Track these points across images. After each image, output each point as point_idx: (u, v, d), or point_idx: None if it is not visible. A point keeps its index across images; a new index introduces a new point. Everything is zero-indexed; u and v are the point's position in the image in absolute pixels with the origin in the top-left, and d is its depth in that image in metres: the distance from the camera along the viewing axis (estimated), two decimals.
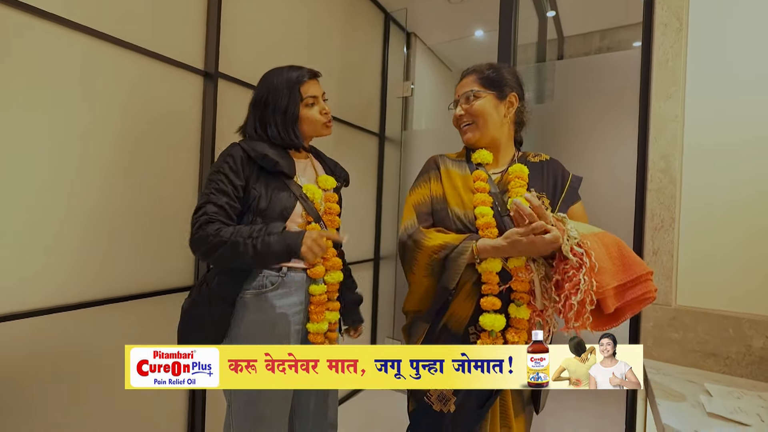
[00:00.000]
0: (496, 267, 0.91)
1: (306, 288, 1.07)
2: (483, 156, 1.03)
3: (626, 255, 0.81)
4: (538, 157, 1.05)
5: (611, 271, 0.78)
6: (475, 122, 1.02)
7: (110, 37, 1.16)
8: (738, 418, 0.84)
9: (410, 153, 2.60)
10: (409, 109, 2.67)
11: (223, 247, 0.92)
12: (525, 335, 0.90)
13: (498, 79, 1.02)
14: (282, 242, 0.93)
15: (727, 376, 1.11)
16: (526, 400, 0.99)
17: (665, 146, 1.22)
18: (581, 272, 0.75)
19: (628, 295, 0.79)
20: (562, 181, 1.01)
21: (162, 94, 1.31)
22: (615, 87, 1.63)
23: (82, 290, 1.13)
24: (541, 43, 2.22)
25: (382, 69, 2.58)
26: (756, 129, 1.12)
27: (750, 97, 1.13)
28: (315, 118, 1.10)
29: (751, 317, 1.10)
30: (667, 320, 1.20)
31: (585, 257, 0.76)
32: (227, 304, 1.01)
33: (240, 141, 1.07)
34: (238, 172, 1.00)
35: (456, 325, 0.95)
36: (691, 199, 1.19)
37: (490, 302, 0.90)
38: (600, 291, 0.75)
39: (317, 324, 1.07)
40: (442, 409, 0.94)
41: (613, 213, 1.45)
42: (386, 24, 2.58)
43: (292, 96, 1.06)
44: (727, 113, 1.15)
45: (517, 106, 1.04)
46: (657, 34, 1.25)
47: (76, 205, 1.11)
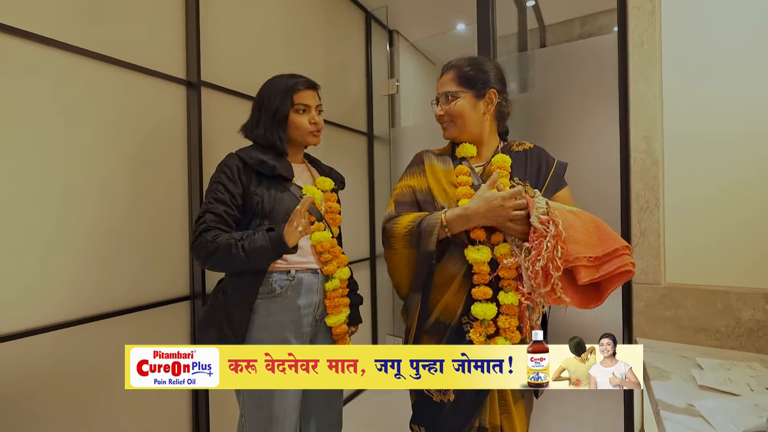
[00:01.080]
0: (486, 257, 0.93)
1: (317, 289, 1.11)
2: (466, 150, 1.04)
3: (603, 230, 0.83)
4: (522, 145, 1.06)
5: (586, 242, 0.80)
6: (453, 122, 1.03)
7: (89, 52, 1.16)
8: (728, 388, 0.86)
9: (399, 150, 2.61)
10: (395, 107, 2.68)
11: (218, 252, 0.98)
12: (515, 321, 0.92)
13: (476, 77, 1.02)
14: (265, 235, 0.99)
15: (718, 349, 1.13)
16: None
17: (646, 128, 1.24)
18: (545, 239, 0.78)
19: (605, 269, 0.80)
20: (546, 167, 1.02)
21: (146, 106, 1.32)
22: (596, 72, 1.64)
23: (74, 306, 1.14)
24: (522, 33, 2.23)
25: (367, 68, 2.59)
26: (734, 106, 1.14)
27: (726, 75, 1.15)
28: (302, 125, 1.14)
29: (739, 290, 1.12)
30: (658, 298, 1.22)
31: (551, 225, 0.79)
32: (244, 308, 1.04)
33: (237, 150, 1.12)
34: (236, 181, 1.06)
35: (449, 317, 0.97)
36: (674, 178, 1.21)
37: (482, 291, 0.92)
38: (571, 258, 0.77)
39: (336, 316, 1.13)
40: (442, 399, 0.96)
41: (600, 197, 1.47)
42: (367, 22, 2.58)
43: (284, 101, 1.11)
44: (704, 92, 1.17)
45: (497, 102, 1.04)
46: (631, 17, 1.26)
47: (65, 221, 1.11)
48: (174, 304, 1.39)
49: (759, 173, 1.11)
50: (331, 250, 1.13)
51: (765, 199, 1.10)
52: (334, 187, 1.24)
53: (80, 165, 1.15)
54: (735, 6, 1.14)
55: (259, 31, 1.76)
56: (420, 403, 1.01)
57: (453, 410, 0.95)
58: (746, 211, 1.12)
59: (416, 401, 1.03)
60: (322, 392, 1.18)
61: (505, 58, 1.92)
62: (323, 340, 1.17)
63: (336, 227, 1.20)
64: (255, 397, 1.04)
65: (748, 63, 1.12)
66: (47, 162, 1.08)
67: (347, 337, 1.20)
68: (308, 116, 1.14)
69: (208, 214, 1.02)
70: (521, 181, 0.97)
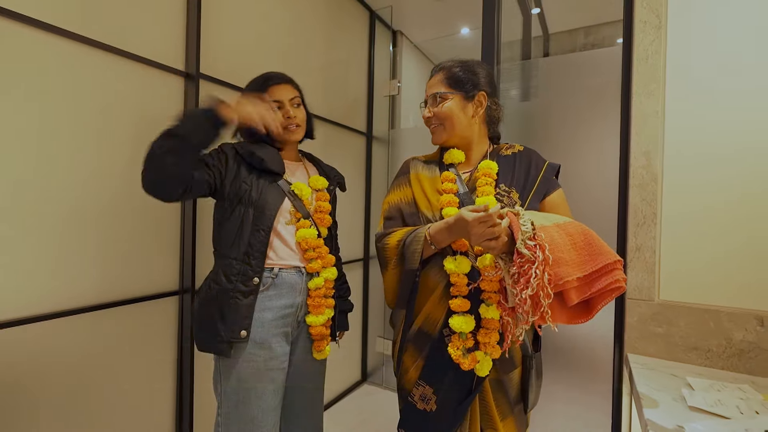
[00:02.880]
0: (465, 268, 0.90)
1: (300, 290, 1.10)
2: (454, 156, 1.02)
3: (593, 243, 0.78)
4: (511, 149, 1.03)
5: (575, 261, 0.75)
6: (442, 124, 1.01)
7: (88, 39, 1.14)
8: (718, 411, 0.85)
9: (398, 152, 2.59)
10: (396, 108, 2.66)
11: (156, 142, 0.91)
12: (496, 335, 0.89)
13: (465, 79, 1.00)
14: (189, 111, 0.96)
15: (708, 368, 1.13)
16: (513, 400, 0.96)
17: (647, 143, 1.23)
18: (534, 266, 0.73)
19: (596, 286, 0.75)
20: (536, 170, 0.98)
21: (142, 97, 1.29)
22: (599, 84, 1.64)
23: (60, 298, 1.11)
24: (526, 41, 2.22)
25: (369, 67, 2.57)
26: (737, 127, 1.13)
27: (731, 95, 1.14)
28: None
29: (731, 310, 1.12)
30: (651, 315, 1.21)
31: (538, 250, 0.74)
32: (241, 295, 1.02)
33: (234, 143, 1.12)
34: (220, 158, 1.07)
35: (431, 327, 0.95)
36: (672, 195, 1.20)
37: (458, 304, 0.90)
38: (559, 283, 0.73)
39: (316, 317, 1.12)
40: (425, 408, 0.95)
41: (598, 209, 1.47)
42: (372, 22, 2.56)
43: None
44: (707, 111, 1.17)
45: (486, 105, 1.01)
46: (637, 30, 1.26)
47: (53, 211, 1.09)
48: (163, 299, 1.37)
49: (758, 195, 1.10)
50: (316, 249, 1.12)
51: (760, 222, 1.10)
52: (329, 186, 1.23)
53: (72, 155, 1.12)
54: (743, 25, 1.13)
55: (260, 25, 1.73)
56: (406, 410, 1.00)
57: (435, 420, 0.94)
58: (743, 231, 1.12)
59: (403, 407, 1.02)
60: (303, 397, 1.17)
61: (509, 65, 1.91)
62: (305, 341, 1.15)
63: (324, 227, 1.17)
64: (232, 395, 1.03)
65: (754, 84, 1.11)
66: (38, 150, 1.05)
67: (326, 340, 1.17)
68: (282, 112, 1.13)
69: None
70: (507, 188, 0.94)
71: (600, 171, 1.58)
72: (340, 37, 2.29)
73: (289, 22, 1.90)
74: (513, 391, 0.96)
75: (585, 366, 1.75)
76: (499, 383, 0.94)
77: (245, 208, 1.05)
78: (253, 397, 1.02)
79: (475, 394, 0.92)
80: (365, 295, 2.58)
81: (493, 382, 0.94)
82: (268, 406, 1.04)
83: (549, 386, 1.72)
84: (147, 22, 1.30)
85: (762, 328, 1.08)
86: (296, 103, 1.16)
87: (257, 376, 1.03)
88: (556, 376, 1.77)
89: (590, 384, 1.72)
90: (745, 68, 1.12)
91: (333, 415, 2.19)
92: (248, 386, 1.02)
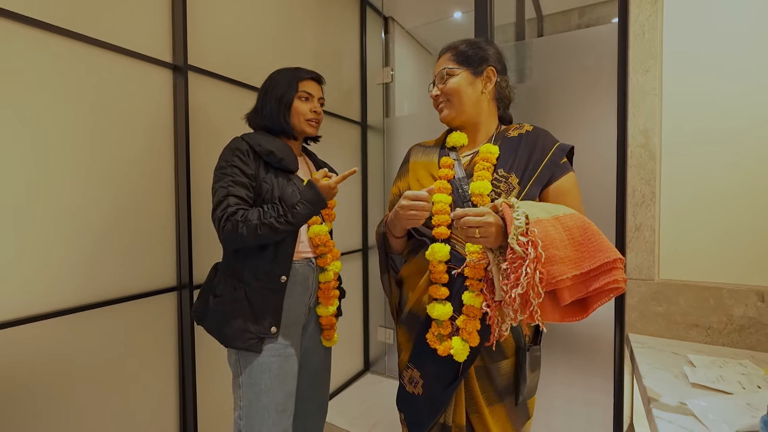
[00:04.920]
0: (444, 255, 0.89)
1: (312, 277, 1.15)
2: (456, 139, 0.99)
3: (592, 239, 0.73)
4: (519, 130, 0.97)
5: (571, 258, 0.71)
6: (449, 100, 0.97)
7: (72, 32, 1.10)
8: (720, 386, 0.86)
9: (394, 140, 2.57)
10: (390, 96, 2.62)
11: (258, 230, 0.98)
12: (476, 323, 0.88)
13: (473, 55, 0.97)
14: (307, 207, 1.00)
15: (709, 345, 1.13)
16: (502, 389, 0.93)
17: (644, 121, 1.22)
18: (525, 264, 0.69)
19: (593, 285, 0.71)
20: (542, 153, 0.91)
21: (130, 91, 1.26)
22: (594, 63, 1.61)
23: (57, 297, 1.10)
24: (520, 23, 2.19)
25: (361, 56, 2.53)
26: (736, 102, 1.12)
27: (729, 70, 1.12)
28: (303, 112, 1.15)
29: (731, 287, 1.12)
30: (651, 294, 1.21)
31: (530, 247, 0.69)
32: (271, 293, 1.06)
33: (243, 135, 1.11)
34: (249, 164, 1.06)
35: (421, 311, 0.96)
36: (671, 174, 1.19)
37: (436, 290, 0.90)
38: (552, 282, 0.69)
39: (327, 307, 1.17)
40: (414, 391, 0.96)
41: (596, 189, 1.45)
42: (362, 8, 2.52)
43: (289, 87, 1.14)
44: (705, 87, 1.15)
45: (495, 80, 0.98)
46: (633, 6, 1.23)
47: (46, 209, 1.07)
48: (161, 295, 1.36)
49: (757, 172, 1.09)
50: (327, 243, 1.16)
51: (761, 198, 1.09)
52: None
53: (61, 151, 1.10)
54: None
55: (248, 14, 1.70)
56: (400, 393, 1.03)
57: (421, 404, 0.95)
58: (741, 208, 1.11)
59: (399, 386, 1.04)
60: (311, 378, 1.21)
61: (503, 48, 1.88)
62: (314, 328, 1.21)
63: (330, 222, 1.22)
64: (254, 386, 1.05)
65: (752, 58, 1.10)
66: (26, 148, 1.03)
67: (334, 329, 1.23)
68: (311, 105, 1.17)
69: (231, 197, 1.01)
70: (506, 173, 0.90)
71: (598, 151, 1.56)
72: (330, 25, 2.24)
73: (278, 10, 1.86)
74: (501, 380, 0.93)
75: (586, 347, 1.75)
76: (485, 370, 0.92)
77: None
78: (277, 384, 1.06)
79: (460, 381, 0.91)
80: (365, 286, 2.57)
81: (479, 369, 0.92)
82: (289, 391, 1.09)
83: (550, 369, 1.73)
84: (132, 13, 1.27)
85: (762, 304, 1.08)
86: (321, 103, 1.21)
87: (279, 364, 1.06)
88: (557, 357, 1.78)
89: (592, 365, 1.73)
90: (745, 43, 1.10)
91: (336, 404, 2.20)
92: (272, 374, 1.05)
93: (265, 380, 1.05)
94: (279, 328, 1.06)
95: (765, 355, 1.05)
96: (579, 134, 1.65)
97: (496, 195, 0.88)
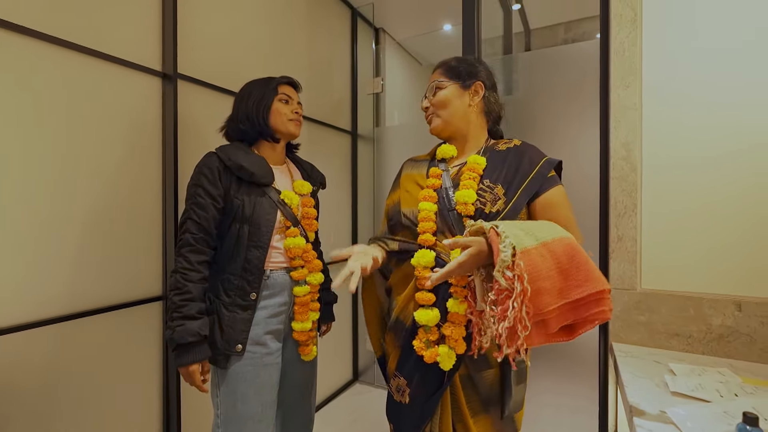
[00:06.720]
0: (429, 262, 0.90)
1: (290, 289, 1.12)
2: (445, 151, 1.02)
3: (581, 268, 0.71)
4: (508, 144, 0.99)
5: (559, 288, 0.70)
6: (438, 112, 1.01)
7: (60, 40, 1.10)
8: (699, 395, 0.87)
9: (384, 150, 2.59)
10: (381, 105, 2.65)
11: (172, 293, 0.99)
12: (461, 330, 0.89)
13: (463, 70, 1.01)
14: (185, 336, 0.96)
15: (689, 354, 1.15)
16: (486, 399, 0.93)
17: (625, 135, 1.25)
18: (511, 299, 0.68)
19: (580, 313, 0.71)
20: (529, 166, 0.93)
21: (119, 99, 1.26)
22: (578, 77, 1.66)
23: (40, 306, 1.08)
24: (507, 36, 2.24)
25: (352, 66, 2.56)
26: (712, 115, 1.16)
27: (706, 88, 1.16)
28: (284, 112, 1.15)
29: (711, 297, 1.14)
30: (633, 303, 1.23)
31: (516, 281, 0.68)
32: (239, 309, 1.05)
33: (217, 149, 1.10)
34: (216, 183, 1.05)
35: (406, 318, 0.97)
36: (652, 185, 1.23)
37: (422, 296, 0.91)
38: (539, 314, 0.68)
39: (302, 323, 1.13)
40: (401, 400, 0.96)
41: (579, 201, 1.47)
42: (353, 20, 2.55)
43: (268, 91, 1.14)
44: (683, 101, 1.19)
45: (483, 94, 1.01)
46: (613, 24, 1.27)
47: (30, 216, 1.06)
48: (146, 305, 1.34)
49: (734, 183, 1.13)
50: (303, 255, 1.14)
51: (738, 209, 1.13)
52: (313, 189, 1.24)
53: (48, 158, 1.09)
54: (717, 19, 1.16)
55: (239, 23, 1.71)
56: (389, 401, 1.03)
57: (407, 412, 0.95)
58: (720, 219, 1.15)
59: (387, 395, 1.04)
60: (295, 390, 1.19)
61: (490, 61, 1.92)
62: (294, 341, 1.17)
63: (312, 233, 1.20)
64: (230, 394, 1.03)
65: (727, 78, 1.14)
66: (12, 155, 1.02)
67: (312, 342, 1.19)
68: (291, 106, 1.17)
69: (190, 221, 1.02)
70: (492, 184, 0.92)
71: (581, 163, 1.60)
72: (321, 35, 2.27)
73: (269, 20, 1.87)
74: (486, 390, 0.93)
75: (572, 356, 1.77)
76: (469, 379, 0.92)
77: (240, 225, 1.05)
78: (252, 393, 1.04)
79: (445, 389, 0.91)
80: (354, 296, 2.57)
81: (464, 378, 0.92)
82: (267, 401, 1.06)
83: (537, 378, 1.74)
84: (122, 22, 1.27)
85: (740, 313, 1.11)
86: (300, 106, 1.21)
87: (255, 373, 1.05)
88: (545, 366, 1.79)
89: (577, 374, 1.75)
90: (721, 62, 1.15)
91: (325, 414, 2.18)
92: (247, 383, 1.04)
93: (240, 389, 1.03)
94: (245, 345, 1.04)
95: (743, 363, 1.08)
96: (563, 146, 1.68)
97: (481, 204, 0.90)
